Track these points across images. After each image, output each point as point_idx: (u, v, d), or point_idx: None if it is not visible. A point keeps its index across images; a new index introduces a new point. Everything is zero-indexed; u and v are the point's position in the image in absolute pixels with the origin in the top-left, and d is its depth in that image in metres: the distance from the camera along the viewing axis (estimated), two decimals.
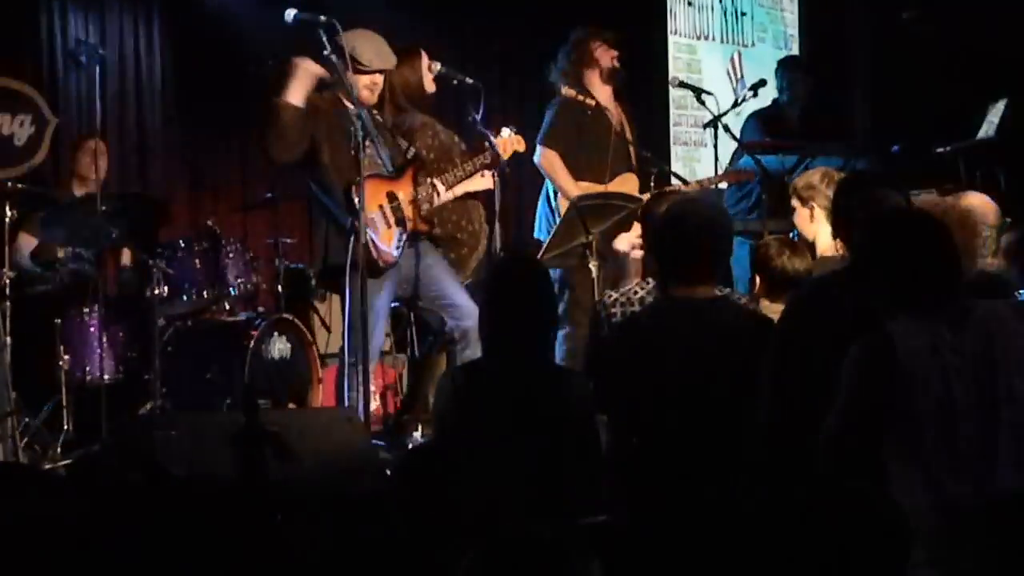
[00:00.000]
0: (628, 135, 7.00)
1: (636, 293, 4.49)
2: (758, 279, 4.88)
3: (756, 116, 8.04)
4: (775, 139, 7.68)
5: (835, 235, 4.22)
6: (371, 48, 5.87)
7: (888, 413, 3.11)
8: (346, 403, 5.75)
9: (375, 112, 5.92)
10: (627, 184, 6.88)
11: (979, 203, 4.65)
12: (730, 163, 7.66)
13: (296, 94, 5.60)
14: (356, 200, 5.48)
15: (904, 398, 3.09)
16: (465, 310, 6.01)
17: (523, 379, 3.74)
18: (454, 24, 8.24)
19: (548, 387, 3.72)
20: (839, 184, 4.23)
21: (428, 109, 6.37)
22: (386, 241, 5.80)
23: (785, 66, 8.41)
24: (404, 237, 5.85)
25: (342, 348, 5.94)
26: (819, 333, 3.53)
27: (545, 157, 6.81)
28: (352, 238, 5.51)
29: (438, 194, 5.98)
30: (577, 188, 6.69)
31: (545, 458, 3.69)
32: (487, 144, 6.06)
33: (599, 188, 6.70)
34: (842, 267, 3.79)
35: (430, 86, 6.21)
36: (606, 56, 6.95)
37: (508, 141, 6.18)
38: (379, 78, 5.92)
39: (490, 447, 3.67)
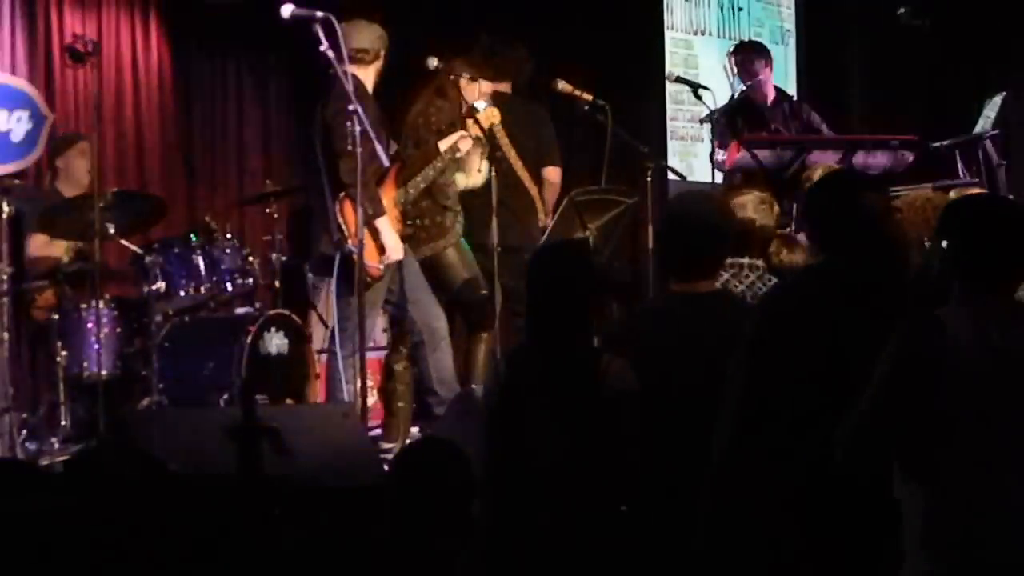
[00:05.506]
0: None
1: None
2: None
3: (726, 112, 7.58)
4: (762, 131, 7.54)
5: (809, 234, 3.98)
6: (368, 34, 5.91)
7: (928, 405, 2.93)
8: (344, 398, 5.77)
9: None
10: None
11: None
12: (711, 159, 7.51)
13: None
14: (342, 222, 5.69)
15: (946, 390, 2.92)
16: (433, 311, 6.08)
17: (562, 362, 3.75)
18: (449, 19, 8.24)
19: (587, 370, 3.71)
20: (820, 181, 4.08)
21: None
22: (371, 258, 5.86)
23: (745, 52, 8.12)
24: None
25: (331, 346, 5.99)
26: (795, 342, 3.33)
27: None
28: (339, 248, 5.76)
29: (417, 189, 6.04)
30: None
31: (584, 441, 3.68)
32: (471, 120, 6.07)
33: None
34: (814, 266, 3.58)
35: None
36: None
37: (484, 115, 6.12)
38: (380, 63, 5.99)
39: (531, 429, 3.69)
